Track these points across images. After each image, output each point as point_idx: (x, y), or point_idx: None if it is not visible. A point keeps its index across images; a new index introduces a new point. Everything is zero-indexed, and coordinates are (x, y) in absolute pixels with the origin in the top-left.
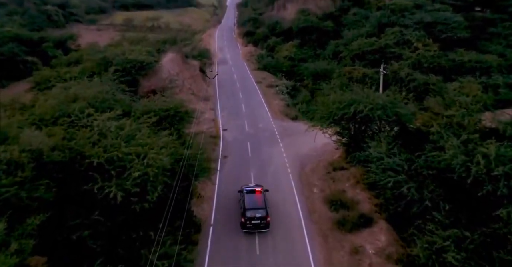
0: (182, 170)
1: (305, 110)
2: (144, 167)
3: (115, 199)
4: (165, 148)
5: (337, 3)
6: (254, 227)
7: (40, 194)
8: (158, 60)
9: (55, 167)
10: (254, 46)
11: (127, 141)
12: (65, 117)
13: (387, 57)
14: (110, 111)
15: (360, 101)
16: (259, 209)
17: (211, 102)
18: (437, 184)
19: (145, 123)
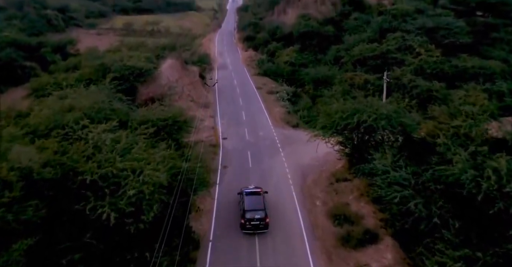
0: (180, 184)
1: (307, 118)
2: (139, 184)
3: (108, 220)
4: (162, 162)
5: (337, 7)
6: (254, 228)
7: (28, 216)
8: (157, 67)
9: (46, 185)
10: (254, 51)
11: (123, 155)
12: (59, 129)
13: (389, 63)
14: (106, 122)
15: (363, 110)
16: (259, 210)
17: (211, 109)
18: (446, 200)
19: (142, 134)
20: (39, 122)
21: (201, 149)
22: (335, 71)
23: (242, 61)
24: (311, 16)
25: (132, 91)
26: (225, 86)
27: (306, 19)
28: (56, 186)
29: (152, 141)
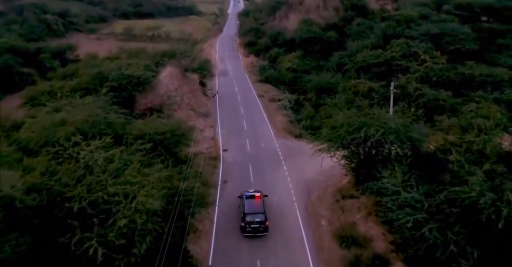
0: (177, 207)
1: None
2: (131, 212)
3: (95, 255)
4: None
5: (340, 13)
6: (254, 231)
7: (5, 254)
8: (155, 75)
9: (29, 213)
10: (256, 56)
11: (116, 176)
12: (49, 147)
13: (394, 70)
14: (101, 137)
15: (370, 124)
16: (258, 213)
17: (211, 118)
18: (463, 224)
19: (137, 152)
20: (29, 138)
21: (201, 162)
22: (338, 78)
23: (243, 68)
24: (313, 21)
25: (130, 100)
26: (226, 93)
27: (308, 24)
28: (41, 214)
29: (148, 157)
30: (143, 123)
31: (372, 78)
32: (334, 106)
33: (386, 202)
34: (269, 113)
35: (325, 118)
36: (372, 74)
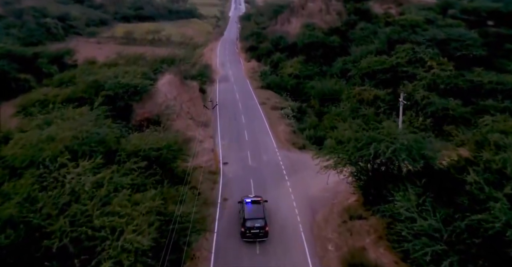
0: (172, 237)
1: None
2: (118, 252)
3: None
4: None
5: (343, 17)
6: (254, 236)
7: None
8: (153, 84)
9: (2, 252)
10: (257, 61)
11: (104, 204)
12: (34, 168)
13: (399, 76)
14: (91, 156)
15: (380, 139)
16: (258, 219)
17: (211, 128)
18: (487, 257)
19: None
20: (15, 155)
21: (200, 177)
22: (342, 85)
23: (244, 73)
24: (315, 25)
25: (126, 110)
26: (226, 100)
27: (311, 29)
28: (16, 253)
29: (142, 177)
30: (138, 137)
31: (377, 85)
32: (338, 116)
33: (400, 229)
34: (271, 122)
35: (329, 128)
36: (377, 81)
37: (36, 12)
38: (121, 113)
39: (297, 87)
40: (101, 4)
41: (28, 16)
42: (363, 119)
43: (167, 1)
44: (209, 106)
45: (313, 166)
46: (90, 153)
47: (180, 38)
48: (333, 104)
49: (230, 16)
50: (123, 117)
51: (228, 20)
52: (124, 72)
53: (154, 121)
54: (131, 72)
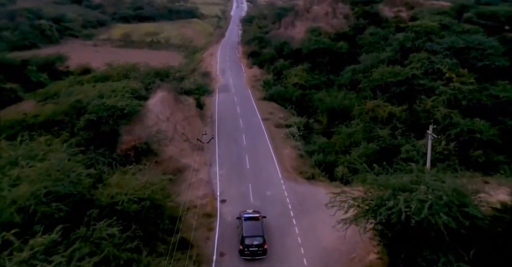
0: None
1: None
2: None
3: None
4: None
5: (351, 21)
6: (252, 254)
7: None
8: (143, 105)
9: None
10: (260, 68)
11: None
12: None
13: (415, 90)
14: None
15: (411, 191)
16: (257, 236)
17: (209, 151)
18: None
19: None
20: None
21: (194, 221)
22: (352, 98)
23: (246, 81)
24: (321, 30)
25: (111, 137)
26: (226, 115)
27: (317, 34)
28: None
29: (113, 251)
30: (117, 181)
31: (391, 99)
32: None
33: None
34: (275, 144)
35: (340, 152)
36: (390, 94)
37: (30, 14)
38: (105, 140)
39: (302, 99)
40: (100, 4)
41: (22, 18)
42: (378, 142)
43: (167, 0)
44: (204, 140)
45: (325, 205)
46: (50, 217)
47: (179, 40)
48: (343, 123)
49: (231, 16)
50: (108, 144)
51: (229, 20)
52: (111, 90)
53: (142, 150)
54: (119, 89)
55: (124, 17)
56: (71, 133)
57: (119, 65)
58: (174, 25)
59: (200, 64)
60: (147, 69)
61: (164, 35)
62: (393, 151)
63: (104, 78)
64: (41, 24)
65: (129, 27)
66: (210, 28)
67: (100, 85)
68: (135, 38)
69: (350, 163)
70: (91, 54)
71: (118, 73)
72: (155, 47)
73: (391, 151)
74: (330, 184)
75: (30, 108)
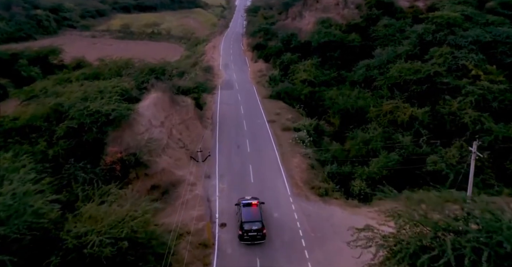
0: None
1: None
2: None
3: None
4: None
5: (363, 11)
6: (251, 239)
7: None
8: (133, 109)
9: None
10: (265, 62)
11: None
12: None
13: (438, 89)
14: None
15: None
16: (256, 221)
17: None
18: None
19: None
20: None
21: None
22: (367, 97)
23: (250, 77)
24: (332, 21)
25: (95, 147)
26: (229, 117)
27: (327, 26)
28: None
29: None
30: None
31: (410, 99)
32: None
33: None
34: (283, 152)
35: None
36: (410, 93)
37: (27, 4)
38: (88, 150)
39: (312, 97)
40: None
41: (17, 8)
42: (399, 151)
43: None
44: (199, 157)
45: (342, 229)
46: None
47: (181, 31)
48: (358, 126)
49: (236, 5)
50: (91, 156)
51: (234, 10)
52: (98, 91)
53: (129, 163)
54: (108, 90)
55: (125, 7)
56: (49, 142)
57: (111, 60)
58: (176, 15)
59: (202, 58)
60: (141, 65)
61: (165, 26)
62: (417, 162)
63: (95, 75)
64: (38, 14)
65: (129, 17)
66: (213, 19)
67: (87, 84)
68: (135, 29)
69: (369, 176)
70: (89, 46)
71: (110, 69)
72: (156, 38)
73: (415, 162)
74: (347, 203)
75: (12, 109)
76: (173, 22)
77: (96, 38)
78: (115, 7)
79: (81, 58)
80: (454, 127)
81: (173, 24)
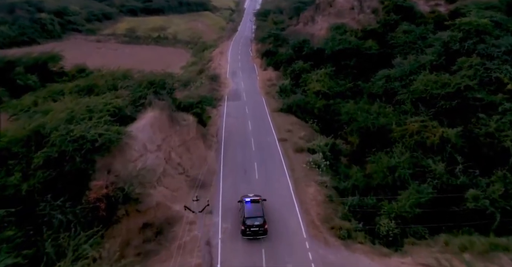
0: None
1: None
2: None
3: None
4: None
5: (380, 16)
6: (253, 234)
7: None
8: (125, 133)
9: None
10: (275, 70)
11: None
12: None
13: (470, 105)
14: None
15: None
16: (258, 217)
17: (210, 191)
18: None
19: None
20: None
21: None
22: (389, 112)
23: (259, 86)
24: (346, 27)
25: (78, 179)
26: (235, 134)
27: (341, 32)
28: None
29: None
30: None
31: (438, 116)
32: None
33: None
34: (296, 179)
35: (380, 191)
36: (437, 110)
37: (31, 7)
38: (69, 183)
39: (326, 110)
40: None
41: (21, 12)
42: (432, 182)
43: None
44: (196, 208)
45: None
46: None
47: (188, 35)
48: (381, 148)
49: (245, 8)
50: (72, 190)
51: (243, 13)
52: (88, 109)
53: (117, 200)
54: (99, 109)
55: (132, 10)
56: (25, 173)
57: (108, 71)
58: (184, 18)
59: (208, 65)
60: (140, 77)
61: (172, 29)
62: (453, 195)
63: (89, 87)
64: (42, 18)
65: (136, 20)
66: (222, 22)
67: (75, 102)
68: (141, 33)
69: (399, 214)
70: (93, 51)
71: (106, 81)
72: (162, 43)
73: (451, 194)
74: (374, 249)
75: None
76: (180, 25)
77: (101, 43)
78: (122, 10)
79: (82, 65)
80: (493, 152)
81: (181, 27)
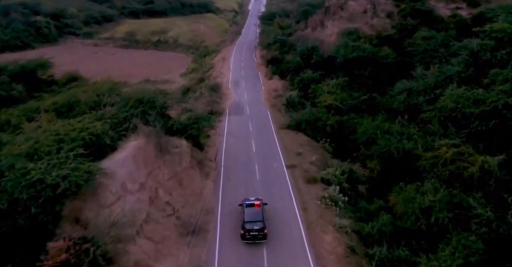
0: None
1: None
2: None
3: None
4: None
5: (395, 20)
6: (253, 238)
7: None
8: (98, 173)
9: None
10: (281, 79)
11: None
12: None
13: (510, 126)
14: None
15: None
16: (257, 221)
17: (207, 238)
18: None
19: None
20: None
21: None
22: (413, 133)
23: (264, 98)
24: (360, 32)
25: (35, 236)
26: (237, 157)
27: (354, 38)
28: None
29: None
30: None
31: (471, 139)
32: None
33: None
34: (310, 222)
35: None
36: (470, 131)
37: (26, 9)
38: (23, 242)
39: (339, 128)
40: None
41: (16, 14)
42: (480, 230)
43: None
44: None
45: None
46: None
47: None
48: (408, 179)
49: (249, 10)
50: (27, 251)
51: (247, 15)
52: (56, 139)
53: (82, 265)
54: (71, 137)
55: (133, 12)
56: None
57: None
58: (187, 20)
59: (209, 72)
60: (127, 93)
61: (174, 32)
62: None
63: (69, 105)
64: (37, 21)
65: (138, 23)
66: (225, 24)
67: (42, 128)
68: (141, 36)
69: None
70: (89, 56)
71: (89, 97)
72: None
73: (503, 248)
74: None
75: None
76: (183, 27)
77: (98, 47)
78: (124, 13)
79: (74, 72)
80: None
81: (183, 29)
